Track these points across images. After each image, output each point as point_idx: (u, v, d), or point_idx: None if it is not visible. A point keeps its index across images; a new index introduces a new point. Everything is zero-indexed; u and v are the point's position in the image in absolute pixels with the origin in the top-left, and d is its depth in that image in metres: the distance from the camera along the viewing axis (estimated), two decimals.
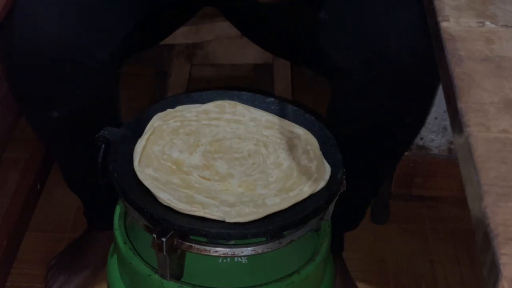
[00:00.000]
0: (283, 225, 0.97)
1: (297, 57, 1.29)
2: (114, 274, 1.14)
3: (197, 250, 0.98)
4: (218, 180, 1.03)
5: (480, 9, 0.83)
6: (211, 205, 0.97)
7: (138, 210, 0.99)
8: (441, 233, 1.65)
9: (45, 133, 1.29)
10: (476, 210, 0.60)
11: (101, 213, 1.43)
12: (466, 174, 0.64)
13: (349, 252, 1.51)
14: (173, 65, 1.60)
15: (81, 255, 1.49)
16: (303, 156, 1.07)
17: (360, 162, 1.19)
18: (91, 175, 1.09)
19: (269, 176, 1.04)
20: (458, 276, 1.55)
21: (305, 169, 1.04)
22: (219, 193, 1.00)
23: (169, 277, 1.01)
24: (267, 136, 1.11)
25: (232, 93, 1.18)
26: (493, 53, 0.76)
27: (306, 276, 1.06)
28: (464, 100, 0.69)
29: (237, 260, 1.04)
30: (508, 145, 0.64)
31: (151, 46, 1.34)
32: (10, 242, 1.52)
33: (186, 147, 1.08)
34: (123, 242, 1.08)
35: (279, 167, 1.06)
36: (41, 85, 1.15)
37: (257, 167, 1.05)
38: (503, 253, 0.54)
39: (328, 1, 1.16)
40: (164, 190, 0.99)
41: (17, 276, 1.51)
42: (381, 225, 1.66)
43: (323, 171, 1.04)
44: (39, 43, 1.09)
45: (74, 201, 1.46)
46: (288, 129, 1.11)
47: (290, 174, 1.04)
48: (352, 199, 1.15)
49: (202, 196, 0.99)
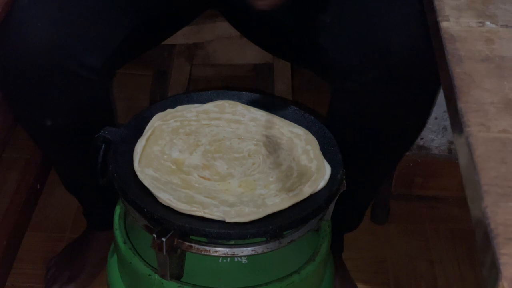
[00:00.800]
0: (283, 225, 0.97)
1: (297, 57, 1.29)
2: (114, 274, 1.14)
3: (197, 250, 0.98)
4: (218, 180, 1.03)
5: (480, 9, 0.83)
6: (211, 205, 0.97)
7: (138, 210, 0.99)
8: (441, 233, 1.65)
9: (39, 139, 1.29)
10: (476, 210, 0.60)
11: (100, 214, 1.44)
12: (466, 174, 0.64)
13: (349, 252, 1.51)
14: (173, 65, 1.60)
15: (81, 255, 1.49)
16: (303, 156, 1.07)
17: (360, 162, 1.19)
18: (88, 179, 1.09)
19: (269, 176, 1.04)
20: (458, 276, 1.55)
21: (305, 169, 1.04)
22: (219, 193, 1.00)
23: (169, 277, 1.01)
24: (267, 136, 1.10)
25: (232, 93, 1.18)
26: (493, 53, 0.76)
27: (306, 276, 1.06)
28: (464, 100, 0.69)
29: (237, 260, 1.04)
30: (508, 145, 0.64)
31: (147, 51, 1.34)
32: (10, 242, 1.52)
33: (186, 147, 1.08)
34: (123, 242, 1.08)
35: (279, 167, 1.05)
36: (34, 94, 1.14)
37: (257, 167, 1.05)
38: (503, 253, 0.54)
39: (327, 2, 1.16)
40: (164, 190, 0.99)
41: (17, 276, 1.51)
42: (381, 225, 1.66)
43: (323, 171, 1.04)
44: (31, 52, 1.09)
45: (74, 201, 1.46)
46: (288, 129, 1.11)
47: (290, 174, 1.04)
48: (352, 199, 1.15)
49: (202, 196, 0.99)
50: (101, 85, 1.17)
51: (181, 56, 1.58)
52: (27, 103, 1.17)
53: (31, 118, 1.21)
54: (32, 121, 1.21)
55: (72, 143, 1.24)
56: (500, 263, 0.54)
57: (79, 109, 1.17)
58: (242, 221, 0.96)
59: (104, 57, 1.14)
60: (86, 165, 1.14)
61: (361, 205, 1.42)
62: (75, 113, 1.18)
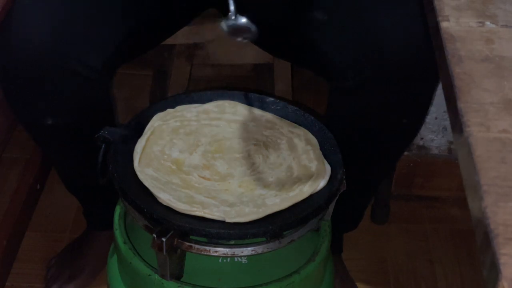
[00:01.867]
0: (283, 225, 0.97)
1: (296, 57, 1.29)
2: (114, 274, 1.14)
3: (197, 250, 0.98)
4: (218, 180, 1.03)
5: (480, 9, 0.83)
6: (211, 205, 0.97)
7: (138, 210, 0.99)
8: (441, 233, 1.65)
9: (39, 139, 1.29)
10: (476, 210, 0.60)
11: (100, 214, 1.44)
12: (466, 174, 0.64)
13: (349, 252, 1.51)
14: (173, 65, 1.60)
15: (81, 255, 1.49)
16: (303, 156, 1.07)
17: (360, 162, 1.19)
18: (88, 178, 1.09)
19: (269, 176, 1.04)
20: (458, 276, 1.55)
21: (305, 169, 1.04)
22: (219, 193, 1.00)
23: (169, 277, 1.01)
24: (267, 136, 1.11)
25: (232, 93, 1.18)
26: (493, 53, 0.76)
27: (306, 276, 1.06)
28: (464, 100, 0.69)
29: (237, 260, 1.04)
30: (508, 145, 0.64)
31: (147, 51, 1.34)
32: (10, 242, 1.52)
33: (186, 147, 1.08)
34: (123, 242, 1.08)
35: (279, 167, 1.05)
36: (34, 94, 1.14)
37: (257, 167, 1.05)
38: (503, 253, 0.54)
39: (326, 1, 1.16)
40: (164, 190, 0.99)
41: (17, 276, 1.51)
42: (381, 225, 1.66)
43: (323, 171, 1.04)
44: (31, 52, 1.08)
45: (74, 201, 1.46)
46: (288, 129, 1.11)
47: (290, 174, 1.04)
48: (352, 199, 1.15)
49: (202, 196, 0.99)
50: (101, 85, 1.17)
51: (181, 56, 1.58)
52: (27, 103, 1.17)
53: (31, 118, 1.21)
54: (32, 121, 1.21)
55: (72, 143, 1.24)
56: (500, 263, 0.54)
57: (79, 109, 1.17)
58: (242, 221, 0.96)
59: (104, 57, 1.14)
60: (86, 165, 1.14)
61: (361, 205, 1.42)
62: (75, 113, 1.18)
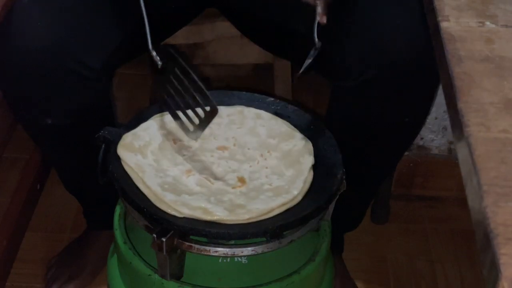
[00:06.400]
0: (283, 225, 0.97)
1: (297, 57, 1.29)
2: (114, 274, 1.14)
3: (197, 250, 0.98)
4: (218, 181, 1.03)
5: (480, 9, 0.83)
6: (211, 205, 0.97)
7: (138, 210, 0.99)
8: (441, 233, 1.65)
9: (39, 139, 1.29)
10: (476, 210, 0.60)
11: (100, 214, 1.44)
12: (466, 174, 0.64)
13: (349, 252, 1.51)
14: None
15: (81, 255, 1.49)
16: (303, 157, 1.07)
17: (360, 162, 1.19)
18: (88, 178, 1.08)
19: (269, 177, 1.04)
20: (458, 276, 1.55)
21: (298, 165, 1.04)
22: (219, 193, 1.00)
23: (169, 277, 1.01)
24: (267, 137, 1.10)
25: (232, 93, 1.18)
26: (493, 53, 0.76)
27: (306, 276, 1.06)
28: (464, 100, 0.69)
29: (237, 260, 1.04)
30: (508, 145, 0.64)
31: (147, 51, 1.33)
32: (10, 242, 1.52)
33: (186, 147, 1.07)
34: (123, 242, 1.08)
35: (279, 168, 1.05)
36: (34, 94, 1.14)
37: (257, 167, 1.05)
38: (503, 253, 0.54)
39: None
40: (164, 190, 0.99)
41: (17, 276, 1.51)
42: (381, 225, 1.66)
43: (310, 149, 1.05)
44: (31, 52, 1.09)
45: (74, 201, 1.46)
46: (288, 129, 1.11)
47: (290, 174, 1.04)
48: (352, 199, 1.15)
49: (202, 196, 0.99)
50: (101, 85, 1.17)
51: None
52: (27, 103, 1.17)
53: (31, 118, 1.21)
54: (32, 121, 1.21)
55: (72, 143, 1.24)
56: (500, 263, 0.54)
57: (79, 109, 1.17)
58: (242, 221, 0.96)
59: (104, 57, 1.14)
60: (86, 165, 1.14)
61: (361, 205, 1.42)
62: (75, 113, 1.18)
